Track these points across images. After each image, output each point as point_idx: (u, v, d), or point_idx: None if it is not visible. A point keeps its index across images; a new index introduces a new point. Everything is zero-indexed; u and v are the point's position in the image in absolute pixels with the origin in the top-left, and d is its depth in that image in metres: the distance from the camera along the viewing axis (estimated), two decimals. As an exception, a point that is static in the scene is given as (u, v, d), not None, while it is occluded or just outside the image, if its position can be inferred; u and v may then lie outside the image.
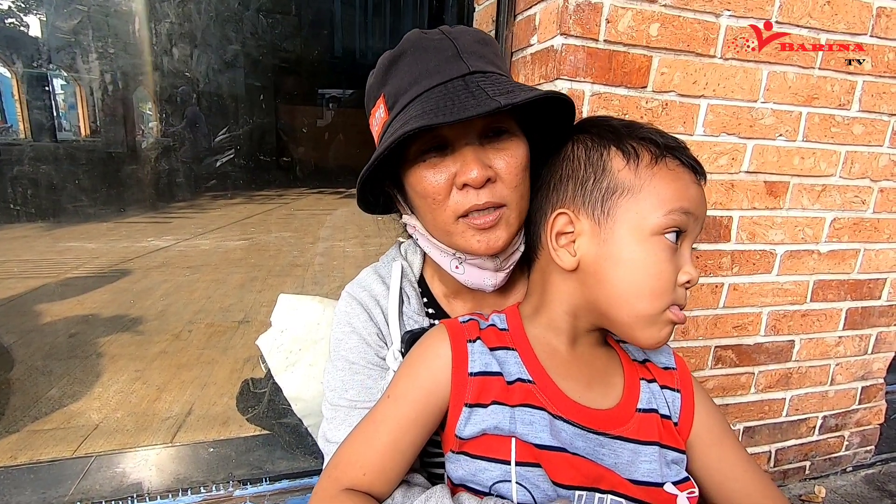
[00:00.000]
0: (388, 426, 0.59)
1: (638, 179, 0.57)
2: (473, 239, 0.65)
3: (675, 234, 0.56)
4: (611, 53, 1.21)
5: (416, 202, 0.68)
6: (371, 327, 0.74)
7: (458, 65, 0.63)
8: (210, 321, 2.97)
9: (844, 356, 1.72)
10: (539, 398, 0.58)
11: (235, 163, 5.96)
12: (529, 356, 0.60)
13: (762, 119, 1.38)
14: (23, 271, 3.66)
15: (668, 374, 0.64)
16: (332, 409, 0.73)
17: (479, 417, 0.57)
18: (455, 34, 0.67)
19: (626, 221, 0.57)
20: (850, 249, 1.59)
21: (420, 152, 0.64)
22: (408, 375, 0.62)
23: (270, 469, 1.59)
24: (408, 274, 0.78)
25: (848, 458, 1.88)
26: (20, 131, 6.34)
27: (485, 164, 0.62)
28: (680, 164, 0.59)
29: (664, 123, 1.29)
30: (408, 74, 0.65)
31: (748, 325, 1.56)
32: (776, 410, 1.69)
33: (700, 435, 0.62)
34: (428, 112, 0.59)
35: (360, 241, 4.64)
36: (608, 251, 0.57)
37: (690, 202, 0.57)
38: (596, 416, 0.58)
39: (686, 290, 0.57)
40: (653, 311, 0.56)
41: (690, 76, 1.28)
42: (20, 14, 4.89)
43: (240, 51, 5.52)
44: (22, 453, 1.75)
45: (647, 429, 0.59)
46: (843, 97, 1.43)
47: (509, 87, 0.61)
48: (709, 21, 1.26)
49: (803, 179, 1.47)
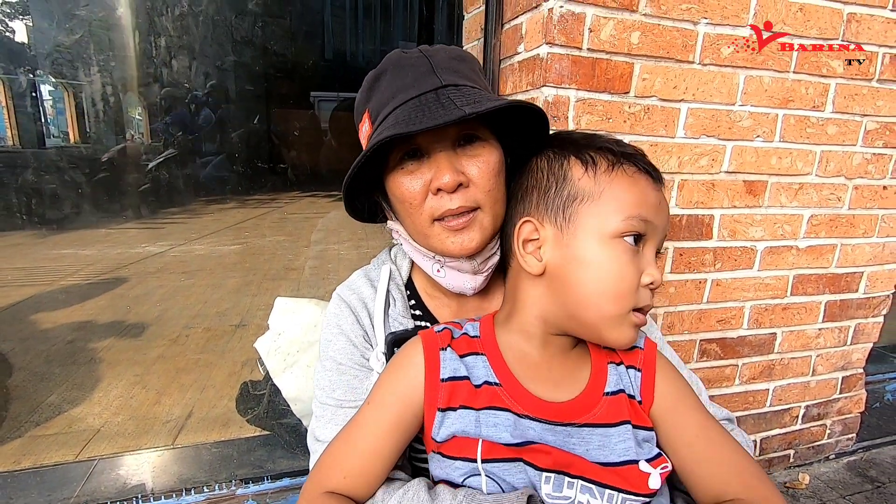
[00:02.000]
0: (368, 431, 0.63)
1: (597, 186, 0.60)
2: (448, 240, 0.69)
3: (635, 238, 0.59)
4: (594, 61, 1.26)
5: (397, 207, 0.73)
6: (358, 329, 0.78)
7: (432, 79, 0.68)
8: (207, 325, 3.00)
9: (825, 347, 1.78)
10: (505, 400, 0.61)
11: (225, 166, 5.92)
12: (498, 360, 0.64)
13: (740, 121, 1.44)
14: (18, 279, 3.66)
15: (632, 354, 0.66)
16: (321, 407, 0.77)
17: (449, 421, 0.61)
18: (431, 52, 0.72)
19: (587, 226, 0.59)
20: (827, 245, 1.66)
21: (399, 160, 0.69)
22: (387, 382, 0.66)
23: (271, 468, 1.63)
24: (395, 277, 0.82)
25: (830, 445, 1.95)
26: (7, 138, 6.25)
27: (457, 170, 0.66)
28: (637, 170, 0.61)
29: (646, 127, 1.35)
30: (388, 90, 0.70)
31: (731, 319, 1.62)
32: (760, 401, 1.76)
33: (659, 406, 0.64)
34: (401, 122, 0.64)
35: (355, 244, 4.68)
36: (571, 255, 0.60)
37: (648, 207, 0.59)
38: (560, 409, 0.61)
39: (651, 291, 0.60)
40: (618, 312, 0.58)
41: (671, 81, 1.34)
42: (6, 20, 4.81)
43: (230, 54, 5.49)
44: (25, 458, 1.78)
45: (615, 410, 0.61)
46: (816, 99, 1.49)
47: (477, 97, 0.65)
48: (687, 29, 1.31)
49: (781, 178, 1.53)
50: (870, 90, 1.54)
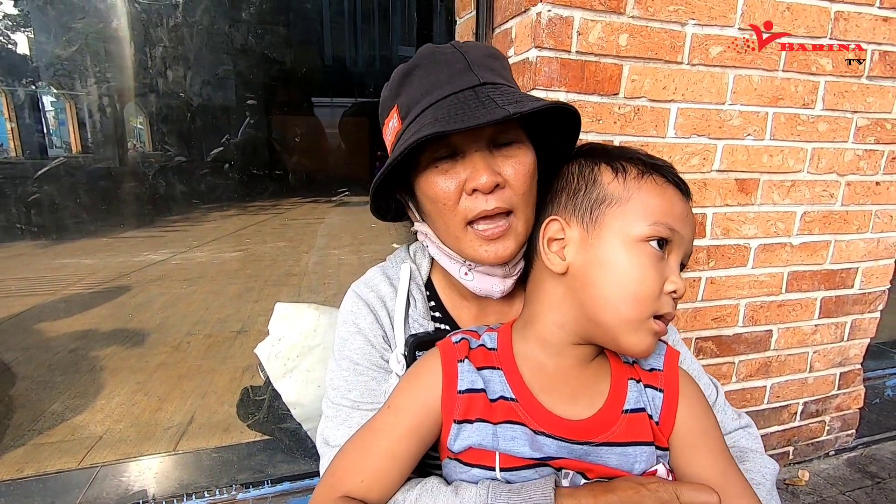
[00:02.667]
0: (386, 434, 0.62)
1: (626, 191, 0.60)
2: (481, 249, 0.67)
3: (660, 243, 0.58)
4: (583, 63, 1.27)
5: (428, 207, 0.71)
6: (377, 329, 0.76)
7: (469, 76, 0.66)
8: (208, 332, 3.01)
9: (821, 343, 1.79)
10: (520, 415, 0.60)
11: (228, 174, 5.95)
12: (514, 375, 0.63)
13: (730, 120, 1.45)
14: (21, 289, 3.69)
15: (652, 375, 0.64)
16: (334, 407, 0.75)
17: (466, 433, 0.61)
18: (466, 48, 0.70)
19: (613, 229, 0.59)
20: (821, 241, 1.66)
21: (432, 159, 0.67)
22: (406, 389, 0.65)
23: (272, 472, 1.64)
24: (416, 277, 0.80)
25: (830, 442, 1.95)
26: (10, 149, 6.30)
27: (494, 171, 0.65)
28: (666, 181, 0.61)
29: (637, 128, 1.36)
30: (420, 86, 0.68)
31: (727, 317, 1.62)
32: (758, 398, 1.76)
33: (680, 436, 0.62)
34: (440, 120, 0.62)
35: (355, 249, 4.70)
36: (595, 256, 0.60)
37: (675, 216, 0.59)
38: (577, 427, 0.59)
39: (674, 300, 0.58)
40: (637, 316, 0.57)
41: (660, 82, 1.35)
42: (8, 32, 4.86)
43: (230, 62, 5.52)
44: (28, 466, 1.79)
45: (636, 429, 0.60)
46: (806, 97, 1.50)
47: (518, 97, 0.65)
48: (675, 30, 1.33)
49: (773, 176, 1.54)
50: (860, 87, 1.55)
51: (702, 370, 0.86)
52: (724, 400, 0.84)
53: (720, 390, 0.86)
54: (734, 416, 0.83)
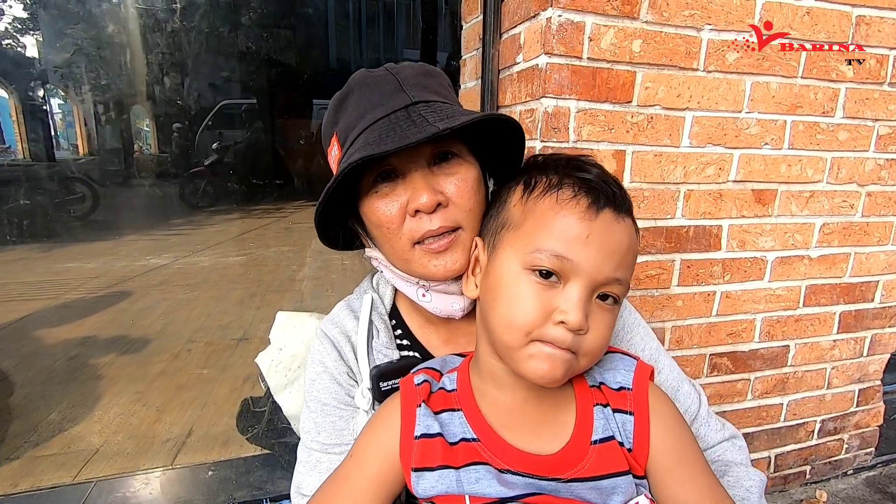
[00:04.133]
0: (349, 486, 0.60)
1: (523, 214, 0.57)
2: (430, 264, 0.66)
3: (542, 273, 0.53)
4: (595, 70, 1.22)
5: (374, 233, 0.70)
6: (341, 366, 0.74)
7: (401, 97, 0.65)
8: (209, 339, 2.98)
9: (840, 359, 1.72)
10: (483, 454, 0.57)
11: (233, 177, 5.97)
12: (474, 414, 0.60)
13: (747, 129, 1.39)
14: (22, 294, 3.67)
15: (620, 395, 0.60)
16: (306, 451, 0.73)
17: (427, 482, 0.57)
18: (397, 69, 0.69)
19: (503, 256, 0.57)
20: (840, 253, 1.60)
21: (372, 183, 0.66)
22: (368, 435, 0.63)
23: (271, 489, 1.59)
24: (377, 306, 0.78)
25: (848, 460, 1.88)
26: (18, 151, 6.35)
27: (435, 189, 0.63)
28: (573, 195, 0.54)
29: (650, 137, 1.31)
30: (355, 111, 0.67)
31: (742, 332, 1.56)
32: (774, 416, 1.70)
33: (656, 461, 0.58)
34: (371, 143, 0.61)
35: (358, 254, 4.65)
36: (488, 282, 0.59)
37: (568, 241, 0.52)
38: (544, 463, 0.56)
39: (567, 330, 0.52)
40: (514, 343, 0.54)
41: (674, 89, 1.30)
42: (17, 35, 4.89)
43: (236, 65, 5.55)
44: (23, 480, 1.75)
45: (609, 460, 0.56)
46: (826, 104, 1.45)
47: (450, 112, 0.63)
48: (690, 35, 1.28)
49: (791, 186, 1.48)
50: (881, 94, 1.49)
51: (683, 378, 0.82)
52: (707, 410, 0.80)
53: (703, 398, 0.82)
54: (718, 426, 0.79)
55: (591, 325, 0.53)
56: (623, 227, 0.55)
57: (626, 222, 0.56)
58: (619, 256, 0.54)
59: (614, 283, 0.54)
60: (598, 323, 0.54)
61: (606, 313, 0.55)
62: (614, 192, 0.55)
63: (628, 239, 0.55)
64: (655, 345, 0.81)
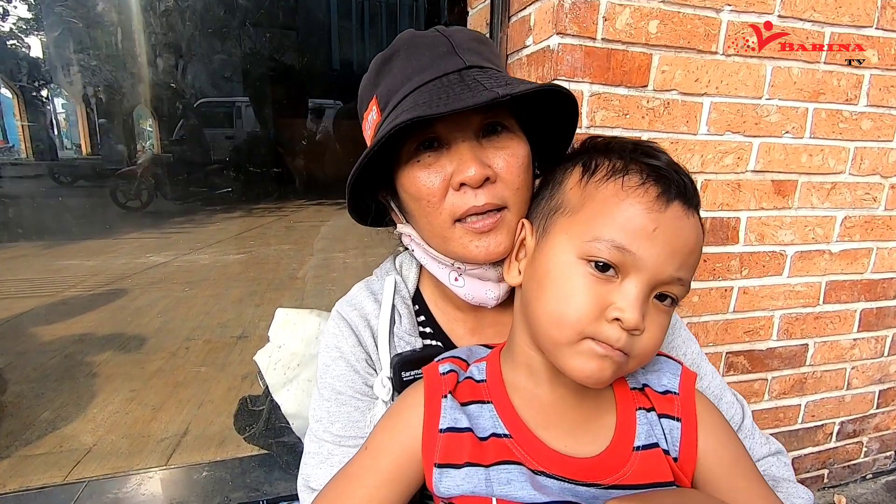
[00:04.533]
0: (363, 481, 0.55)
1: (581, 198, 0.52)
2: (472, 244, 0.60)
3: (599, 265, 0.48)
4: (609, 52, 1.16)
5: (411, 206, 0.64)
6: (360, 352, 0.69)
7: (454, 60, 0.60)
8: (208, 337, 2.92)
9: (860, 359, 1.66)
10: (516, 453, 0.52)
11: (233, 176, 5.94)
12: (506, 408, 0.55)
13: (767, 116, 1.33)
14: (21, 290, 3.62)
15: (666, 399, 0.56)
16: (316, 442, 0.68)
17: (452, 481, 0.52)
18: (450, 31, 0.64)
19: (556, 242, 0.52)
20: (862, 248, 1.54)
21: (414, 151, 0.60)
22: (386, 427, 0.58)
23: (268, 491, 1.53)
24: (401, 290, 0.72)
25: (867, 464, 1.82)
26: (21, 150, 6.33)
27: (483, 163, 0.58)
28: (641, 184, 0.49)
29: (666, 123, 1.25)
30: (401, 73, 0.61)
31: (760, 330, 1.50)
32: (791, 417, 1.63)
33: (705, 468, 0.54)
34: (421, 105, 0.55)
35: (360, 252, 4.60)
36: (535, 270, 0.54)
37: (632, 233, 0.47)
38: (582, 467, 0.51)
39: (622, 329, 0.48)
40: (563, 339, 0.49)
41: (692, 74, 1.24)
42: (21, 35, 4.88)
43: (238, 65, 5.53)
44: (12, 480, 1.70)
45: (653, 468, 0.51)
46: (849, 92, 1.38)
47: (507, 80, 0.57)
48: (710, 17, 1.22)
49: (812, 177, 1.42)
50: (907, 81, 1.43)
51: (725, 386, 0.76)
52: (751, 422, 0.75)
53: (747, 410, 0.76)
54: (763, 440, 0.74)
55: (646, 325, 0.49)
56: (691, 223, 0.50)
57: (695, 218, 0.51)
58: (684, 255, 0.49)
59: (676, 283, 0.50)
60: (653, 324, 0.50)
61: (663, 315, 0.51)
62: (685, 183, 0.50)
63: (695, 237, 0.51)
64: (697, 349, 0.76)
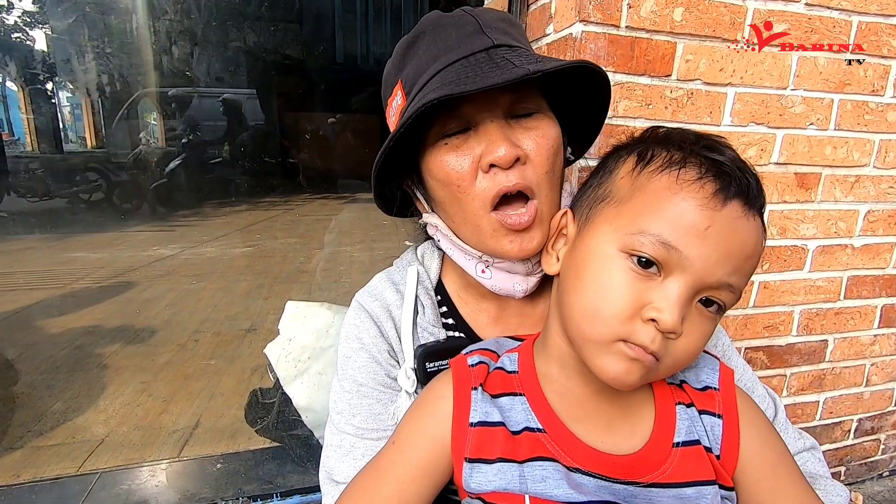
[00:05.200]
0: (391, 476, 0.53)
1: (631, 189, 0.49)
2: (506, 240, 0.58)
3: (641, 261, 0.45)
4: (633, 40, 1.14)
5: (439, 193, 0.62)
6: (382, 343, 0.67)
7: (481, 38, 0.58)
8: (217, 330, 2.92)
9: (880, 356, 1.64)
10: (550, 449, 0.50)
11: (240, 169, 5.93)
12: (539, 401, 0.53)
13: (792, 107, 1.30)
14: (28, 283, 3.63)
15: (706, 395, 0.54)
16: (338, 435, 0.66)
17: (483, 476, 0.51)
18: (477, 11, 0.62)
19: (599, 232, 0.50)
20: (885, 243, 1.51)
21: (440, 135, 0.58)
22: (413, 420, 0.57)
23: (281, 483, 1.53)
24: (423, 280, 0.71)
25: (885, 462, 1.80)
26: (27, 143, 6.34)
27: (513, 143, 0.56)
28: (698, 177, 0.45)
29: (690, 114, 1.22)
30: (426, 54, 0.59)
31: (779, 325, 1.48)
32: (809, 414, 1.61)
33: (748, 467, 0.52)
34: (448, 84, 0.53)
35: (367, 246, 4.59)
36: (574, 259, 0.52)
37: (681, 229, 0.44)
38: (620, 464, 0.49)
39: (657, 330, 0.45)
40: (595, 337, 0.47)
41: (717, 63, 1.21)
42: (26, 28, 4.87)
43: (243, 59, 5.51)
44: (25, 471, 1.70)
45: (692, 466, 0.49)
46: (876, 82, 1.35)
47: (538, 58, 0.56)
48: (736, 4, 1.19)
49: (836, 170, 1.39)
50: (934, 72, 1.40)
51: (756, 380, 0.74)
52: (784, 417, 0.72)
53: (779, 405, 0.73)
54: (796, 435, 0.72)
55: (685, 329, 0.45)
56: (751, 226, 0.46)
57: (756, 221, 0.47)
58: (738, 260, 0.45)
59: (725, 289, 0.46)
60: (694, 330, 0.46)
61: (707, 321, 0.47)
62: (749, 181, 0.46)
63: (754, 241, 0.47)
64: (727, 341, 0.74)
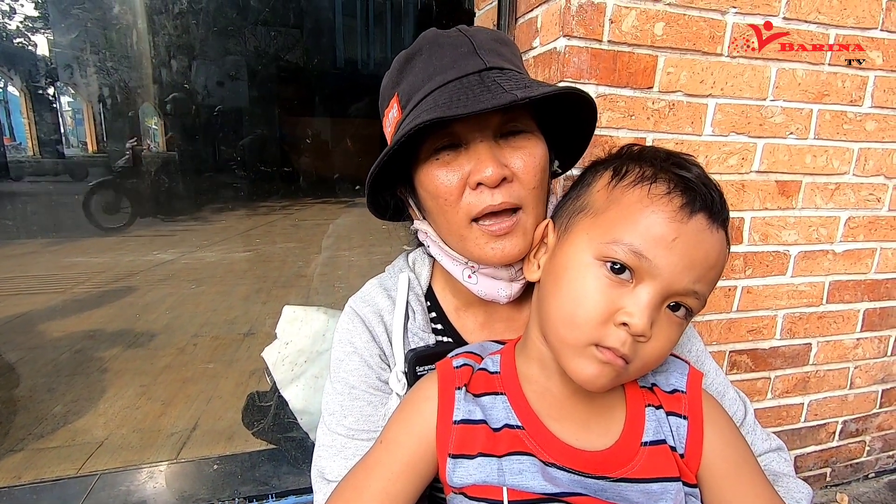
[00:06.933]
0: (379, 473, 0.56)
1: (606, 201, 0.53)
2: (487, 247, 0.62)
3: (614, 267, 0.49)
4: (615, 54, 1.18)
5: (428, 204, 0.65)
6: (373, 348, 0.70)
7: (475, 60, 0.61)
8: (215, 334, 2.95)
9: (864, 358, 1.67)
10: (528, 444, 0.54)
11: (240, 174, 5.96)
12: (519, 400, 0.57)
13: (772, 117, 1.34)
14: (29, 287, 3.67)
15: (674, 398, 0.57)
16: (330, 435, 0.69)
17: (465, 471, 0.54)
18: (472, 32, 0.65)
19: (576, 241, 0.53)
20: (866, 249, 1.55)
21: (433, 150, 0.62)
22: (400, 419, 0.60)
23: (277, 485, 1.56)
24: (414, 286, 0.74)
25: (870, 463, 1.83)
26: (28, 148, 6.37)
27: (500, 163, 0.59)
28: (667, 192, 0.49)
29: (671, 124, 1.26)
30: (422, 72, 0.63)
31: (763, 329, 1.51)
32: (794, 416, 1.64)
33: (711, 465, 0.55)
34: (441, 105, 0.57)
35: (366, 251, 4.63)
36: (553, 266, 0.55)
37: (651, 239, 0.48)
38: (592, 460, 0.53)
39: (628, 334, 0.48)
40: (571, 340, 0.50)
41: (697, 75, 1.25)
42: (28, 34, 4.91)
43: (243, 64, 5.57)
44: (26, 472, 1.73)
45: (657, 463, 0.53)
46: (854, 93, 1.39)
47: (527, 82, 0.59)
48: (715, 19, 1.23)
49: (816, 178, 1.43)
50: (911, 83, 1.44)
51: (728, 383, 0.78)
52: (753, 419, 0.76)
53: (749, 407, 0.77)
54: (764, 436, 0.75)
55: (654, 333, 0.49)
56: (715, 238, 0.50)
57: (719, 234, 0.51)
58: (702, 269, 0.49)
59: (691, 296, 0.50)
60: (661, 333, 0.50)
61: (674, 325, 0.51)
62: (713, 197, 0.50)
63: (717, 252, 0.51)
64: (701, 346, 0.77)
